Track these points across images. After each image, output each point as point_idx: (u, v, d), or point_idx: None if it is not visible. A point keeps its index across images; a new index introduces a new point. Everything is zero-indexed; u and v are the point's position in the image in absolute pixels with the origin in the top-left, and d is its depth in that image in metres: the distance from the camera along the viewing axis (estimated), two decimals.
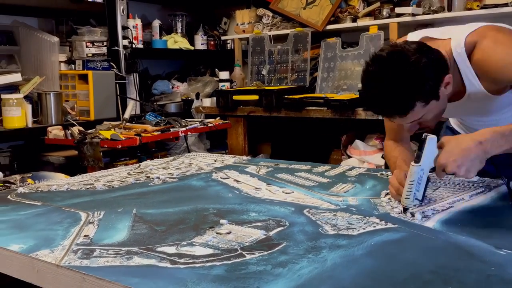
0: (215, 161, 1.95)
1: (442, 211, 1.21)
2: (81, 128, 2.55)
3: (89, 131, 2.51)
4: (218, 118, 3.24)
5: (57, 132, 2.55)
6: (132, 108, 2.93)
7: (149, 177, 1.68)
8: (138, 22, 3.32)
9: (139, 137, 2.43)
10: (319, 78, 3.36)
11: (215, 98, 3.42)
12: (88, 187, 1.57)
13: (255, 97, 3.19)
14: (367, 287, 0.82)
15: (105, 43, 2.96)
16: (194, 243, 1.02)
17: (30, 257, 0.98)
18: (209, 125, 2.93)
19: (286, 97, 3.09)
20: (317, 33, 3.41)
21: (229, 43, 4.04)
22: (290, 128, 3.56)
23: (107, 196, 1.45)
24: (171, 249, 0.99)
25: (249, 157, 2.09)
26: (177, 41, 3.69)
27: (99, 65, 2.93)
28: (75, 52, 2.91)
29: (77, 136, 2.43)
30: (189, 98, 3.70)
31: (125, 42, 3.08)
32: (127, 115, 2.81)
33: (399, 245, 1.01)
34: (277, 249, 0.99)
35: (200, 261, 0.93)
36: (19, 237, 1.10)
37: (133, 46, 3.18)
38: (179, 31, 3.80)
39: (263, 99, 3.15)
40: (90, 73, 2.81)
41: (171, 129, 2.69)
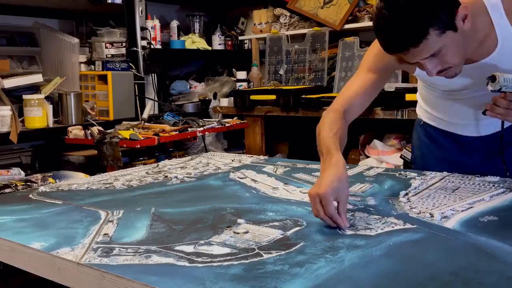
0: (232, 160, 1.95)
1: (462, 211, 1.19)
2: (100, 128, 2.58)
3: (109, 131, 2.54)
4: (235, 118, 3.25)
5: (77, 132, 2.59)
6: (150, 108, 2.96)
7: (167, 176, 1.70)
8: (156, 22, 3.35)
9: (157, 137, 2.45)
10: (337, 77, 3.34)
11: (232, 98, 3.43)
12: (107, 186, 1.59)
13: (273, 97, 3.19)
14: None
15: (124, 44, 2.99)
16: (211, 242, 1.03)
17: (51, 255, 0.99)
18: (227, 125, 2.94)
19: (303, 96, 3.08)
20: (335, 33, 3.40)
21: (246, 43, 4.05)
22: (307, 127, 3.53)
23: (126, 195, 1.47)
24: (189, 248, 1.00)
25: (266, 157, 2.09)
26: (195, 42, 3.71)
27: (118, 65, 2.96)
28: (95, 53, 2.95)
29: (97, 136, 2.46)
30: (207, 98, 3.72)
31: (144, 42, 3.11)
32: (145, 115, 2.84)
33: (418, 246, 1.00)
34: (294, 248, 0.99)
35: (217, 260, 0.93)
36: (40, 235, 1.11)
37: (152, 46, 3.20)
38: (197, 31, 3.83)
39: (281, 99, 3.14)
40: (109, 74, 2.85)
41: (189, 129, 2.71)
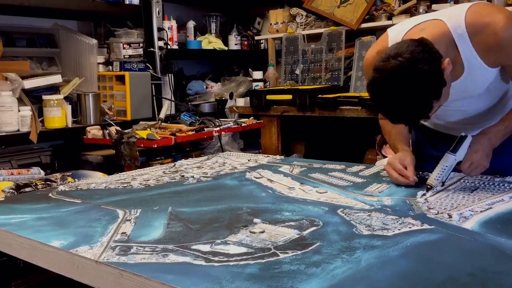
0: (248, 160, 1.96)
1: (480, 212, 1.18)
2: (118, 128, 2.61)
3: (126, 131, 2.56)
4: (251, 117, 3.25)
5: (95, 132, 2.61)
6: (167, 108, 2.97)
7: (184, 176, 1.71)
8: (173, 23, 3.37)
9: (174, 136, 2.47)
10: (353, 77, 3.32)
11: (248, 98, 3.44)
12: (125, 185, 1.60)
13: (289, 97, 3.19)
14: None
15: (141, 45, 3.02)
16: (228, 242, 1.03)
17: (70, 253, 1.01)
18: (243, 124, 2.94)
19: (319, 96, 3.07)
20: (351, 32, 3.38)
21: (262, 43, 4.05)
22: (323, 127, 3.54)
23: (143, 194, 1.48)
24: (206, 247, 1.01)
25: (282, 157, 2.09)
26: (211, 42, 3.72)
27: (135, 66, 2.99)
28: (113, 53, 2.98)
29: (115, 135, 2.49)
30: (223, 98, 3.73)
31: (161, 43, 3.13)
32: (162, 115, 2.85)
33: (435, 246, 0.99)
34: (310, 248, 0.98)
35: (234, 259, 0.94)
36: (60, 233, 1.13)
37: (169, 47, 3.23)
38: (213, 31, 3.84)
39: (297, 99, 3.14)
40: (127, 74, 2.87)
41: (205, 129, 2.72)
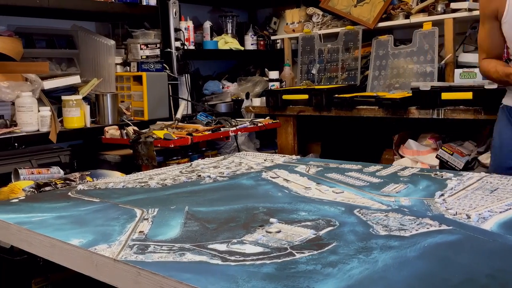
0: (264, 160, 1.96)
1: (500, 212, 1.16)
2: (135, 128, 2.63)
3: (143, 131, 2.58)
4: (267, 117, 3.25)
5: (113, 131, 2.64)
6: (184, 108, 2.99)
7: (200, 175, 1.72)
8: (190, 24, 3.39)
9: (190, 136, 2.48)
10: (370, 76, 3.30)
11: (264, 97, 3.44)
12: (142, 185, 1.62)
13: (305, 97, 3.18)
14: None
15: (158, 45, 3.04)
16: (244, 241, 1.04)
17: (89, 252, 1.02)
18: (259, 124, 2.95)
19: (336, 96, 3.06)
20: (368, 31, 3.36)
21: (278, 42, 4.05)
22: (340, 127, 3.52)
23: (160, 194, 1.49)
24: (222, 247, 1.01)
25: (298, 157, 2.09)
26: (227, 42, 3.73)
27: (152, 66, 3.01)
28: (130, 54, 3.01)
29: (132, 135, 2.51)
30: (239, 98, 3.74)
31: (178, 43, 3.15)
32: (179, 115, 2.87)
33: (454, 247, 0.98)
34: (327, 248, 0.98)
35: (250, 259, 0.94)
36: (79, 232, 1.15)
37: (185, 47, 3.25)
38: (230, 31, 3.85)
39: (313, 99, 3.13)
40: (144, 75, 2.90)
41: (221, 129, 2.73)
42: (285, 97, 3.26)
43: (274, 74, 3.64)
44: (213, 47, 3.63)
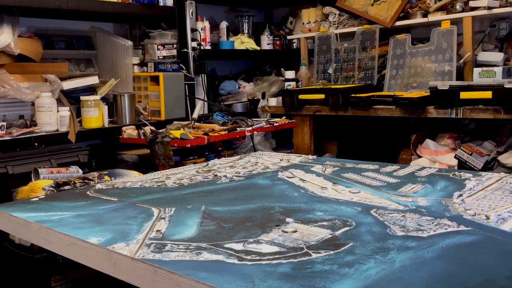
0: (280, 160, 1.96)
1: None
2: (152, 127, 2.65)
3: (160, 131, 2.60)
4: (283, 117, 3.24)
5: (130, 131, 2.67)
6: (200, 108, 3.01)
7: (216, 175, 1.72)
8: (206, 24, 3.41)
9: (207, 136, 2.49)
10: (387, 76, 3.27)
11: (281, 97, 3.44)
12: (159, 184, 1.63)
13: (321, 96, 3.17)
14: None
15: (175, 46, 3.06)
16: (260, 241, 1.04)
17: (107, 250, 1.04)
18: (275, 124, 2.95)
19: (353, 95, 3.04)
20: (385, 30, 3.33)
21: (294, 42, 4.04)
22: (357, 127, 3.50)
23: (177, 193, 1.50)
24: (238, 246, 1.01)
25: (315, 156, 2.08)
26: (243, 42, 3.74)
27: (169, 67, 3.04)
28: (147, 55, 3.04)
29: (149, 135, 2.54)
30: (255, 97, 3.74)
31: (194, 44, 3.17)
32: (195, 115, 2.89)
33: (472, 248, 0.97)
34: (343, 249, 0.98)
35: (266, 258, 0.94)
36: (97, 230, 1.16)
37: (202, 47, 3.26)
38: (246, 31, 3.86)
39: (329, 98, 3.12)
40: (161, 75, 2.92)
41: (237, 129, 2.73)
42: (301, 96, 3.26)
43: (290, 73, 3.64)
44: (229, 47, 3.64)
